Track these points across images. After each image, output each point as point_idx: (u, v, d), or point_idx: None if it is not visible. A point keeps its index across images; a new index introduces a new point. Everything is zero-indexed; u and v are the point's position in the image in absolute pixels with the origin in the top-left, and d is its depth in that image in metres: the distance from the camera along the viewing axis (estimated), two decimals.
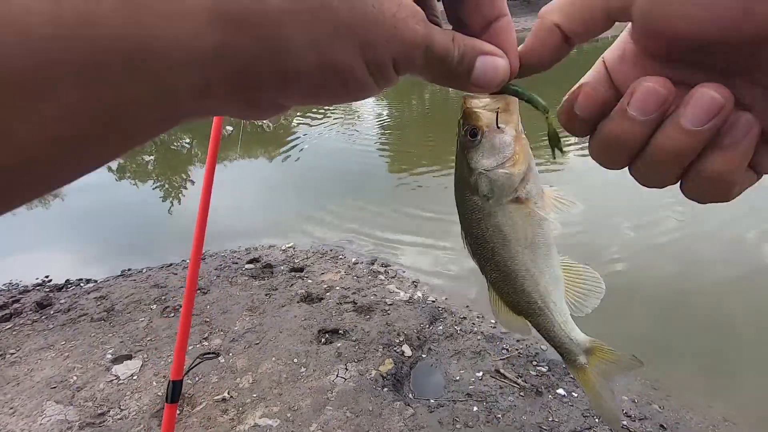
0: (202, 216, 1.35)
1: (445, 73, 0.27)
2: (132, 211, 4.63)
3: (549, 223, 0.36)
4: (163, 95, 0.20)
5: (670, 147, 0.26)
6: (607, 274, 2.75)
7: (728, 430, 1.78)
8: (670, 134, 0.25)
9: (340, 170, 5.15)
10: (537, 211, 0.35)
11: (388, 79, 0.25)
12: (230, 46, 0.20)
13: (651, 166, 0.27)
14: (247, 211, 4.22)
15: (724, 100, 0.24)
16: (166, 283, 3.02)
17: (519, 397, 1.95)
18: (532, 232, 0.36)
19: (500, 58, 0.28)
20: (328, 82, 0.24)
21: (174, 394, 1.33)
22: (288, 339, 2.40)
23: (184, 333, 1.31)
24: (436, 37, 0.26)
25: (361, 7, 0.22)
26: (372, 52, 0.24)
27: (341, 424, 1.86)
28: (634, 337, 2.28)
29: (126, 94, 0.19)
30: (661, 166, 0.27)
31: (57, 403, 2.08)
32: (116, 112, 0.19)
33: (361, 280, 2.90)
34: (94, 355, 2.38)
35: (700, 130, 0.24)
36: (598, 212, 3.50)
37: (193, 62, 0.20)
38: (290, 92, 0.24)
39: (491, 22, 0.29)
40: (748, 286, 2.56)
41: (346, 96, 0.25)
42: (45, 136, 0.18)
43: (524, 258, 0.37)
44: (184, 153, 6.78)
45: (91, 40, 0.17)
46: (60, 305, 2.86)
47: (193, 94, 0.21)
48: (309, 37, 0.22)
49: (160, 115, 0.21)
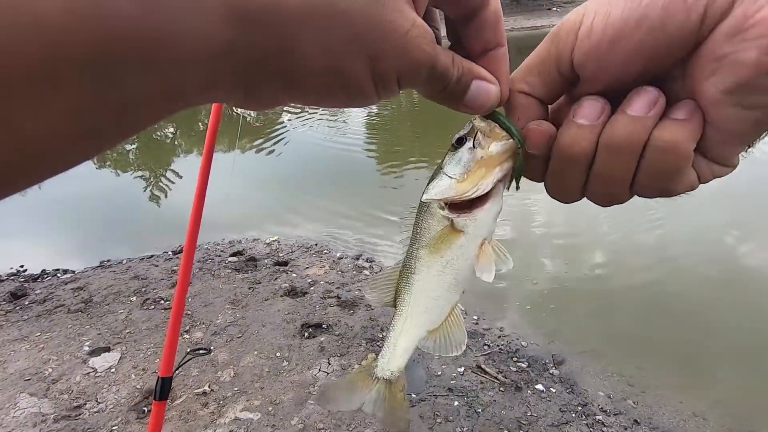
0: (198, 207, 1.31)
1: (442, 91, 0.29)
2: (112, 201, 4.53)
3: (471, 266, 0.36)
4: (171, 89, 0.20)
5: (621, 134, 0.28)
6: (587, 274, 2.82)
7: (697, 424, 1.84)
8: (621, 123, 0.28)
9: (327, 165, 5.12)
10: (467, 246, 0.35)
11: (390, 92, 0.26)
12: (242, 43, 0.20)
13: (607, 164, 0.29)
14: (231, 203, 4.17)
15: (659, 93, 0.28)
16: (146, 274, 2.97)
17: (499, 393, 1.98)
18: (452, 257, 0.36)
19: (493, 84, 0.30)
20: (333, 87, 0.24)
21: (163, 391, 1.28)
22: (271, 333, 2.38)
23: (175, 328, 1.27)
24: (440, 58, 0.27)
25: (378, 20, 0.23)
26: (380, 65, 0.24)
27: (322, 418, 1.86)
28: (612, 335, 2.34)
29: (137, 88, 0.18)
30: (616, 161, 0.29)
31: (31, 395, 2.03)
32: (125, 105, 0.19)
33: (346, 275, 2.90)
34: (71, 347, 2.33)
35: (645, 116, 0.27)
36: (578, 214, 3.57)
37: (205, 57, 0.20)
38: (293, 92, 0.24)
39: (489, 50, 0.31)
40: (723, 286, 2.64)
41: (347, 102, 0.26)
42: (52, 129, 0.17)
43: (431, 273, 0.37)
44: (167, 143, 6.65)
45: (107, 31, 0.17)
46: (35, 296, 2.78)
47: (200, 88, 0.21)
48: (321, 42, 0.22)
49: (165, 107, 0.21)
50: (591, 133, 0.29)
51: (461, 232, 0.35)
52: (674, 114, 0.27)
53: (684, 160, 0.28)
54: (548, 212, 3.62)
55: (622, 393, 1.99)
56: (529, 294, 2.66)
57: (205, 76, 0.20)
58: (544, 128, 0.31)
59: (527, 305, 2.57)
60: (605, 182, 0.30)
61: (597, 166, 0.29)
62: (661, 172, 0.28)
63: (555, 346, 2.26)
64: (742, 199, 3.52)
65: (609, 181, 0.30)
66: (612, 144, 0.28)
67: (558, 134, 0.30)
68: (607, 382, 2.05)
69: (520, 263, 2.97)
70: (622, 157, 0.28)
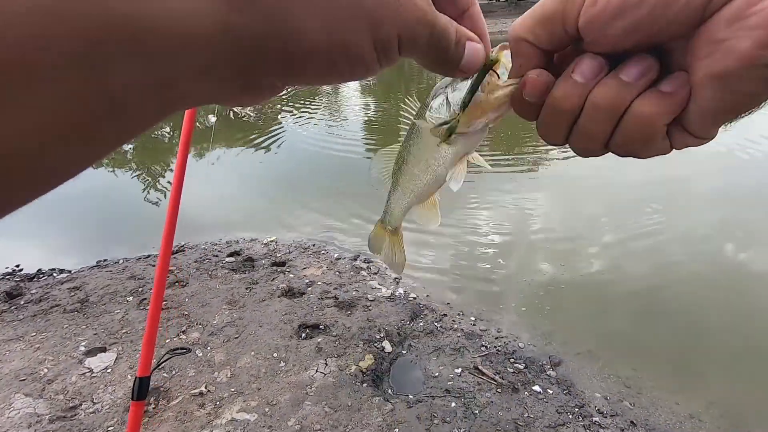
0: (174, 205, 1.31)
1: (441, 56, 0.29)
2: (109, 200, 4.51)
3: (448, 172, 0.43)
4: (162, 78, 0.18)
5: (608, 96, 0.29)
6: (583, 276, 2.83)
7: (693, 425, 1.85)
8: (611, 86, 0.29)
9: (324, 165, 5.12)
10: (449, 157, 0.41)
11: (390, 58, 0.26)
12: (238, 26, 0.20)
13: (590, 122, 0.31)
14: (228, 203, 4.16)
15: (654, 62, 0.29)
16: (143, 274, 2.96)
17: (496, 394, 1.98)
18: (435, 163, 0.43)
19: (479, 43, 0.31)
20: (336, 62, 0.24)
21: (141, 391, 1.26)
22: (268, 333, 2.38)
23: (152, 327, 1.26)
24: (438, 18, 0.27)
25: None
26: (381, 31, 0.24)
27: (320, 419, 1.86)
28: (608, 336, 2.34)
29: (123, 79, 0.17)
30: (598, 120, 0.30)
31: (26, 395, 2.02)
32: (113, 99, 0.17)
33: (344, 275, 2.90)
34: (67, 347, 2.32)
35: (634, 83, 0.29)
36: (575, 215, 3.58)
37: (198, 41, 0.19)
38: (294, 73, 0.24)
39: (465, 11, 0.32)
40: (719, 287, 2.65)
41: (349, 76, 0.25)
42: (29, 128, 0.16)
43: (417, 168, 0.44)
44: (165, 142, 6.62)
45: (89, 17, 0.16)
46: (31, 295, 2.77)
47: (194, 76, 0.20)
48: (321, 18, 0.22)
49: (159, 101, 0.19)
50: (583, 89, 0.30)
51: (449, 145, 0.40)
52: (662, 85, 0.28)
53: (656, 133, 0.29)
54: (545, 214, 3.63)
55: (618, 394, 2.00)
56: (526, 295, 2.66)
57: (199, 62, 0.19)
58: (542, 79, 0.32)
59: (524, 307, 2.58)
60: (585, 137, 0.32)
61: (581, 121, 0.31)
62: (634, 139, 0.30)
63: (552, 348, 2.26)
64: (741, 202, 3.55)
65: (588, 137, 0.31)
66: (598, 104, 0.30)
67: (554, 86, 0.31)
68: (603, 384, 2.05)
69: (517, 264, 2.98)
70: (603, 117, 0.30)
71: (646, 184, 3.83)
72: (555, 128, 0.33)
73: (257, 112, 7.51)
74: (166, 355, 1.37)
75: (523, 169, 4.59)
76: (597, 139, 0.31)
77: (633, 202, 3.58)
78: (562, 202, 3.85)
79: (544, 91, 0.32)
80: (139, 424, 1.27)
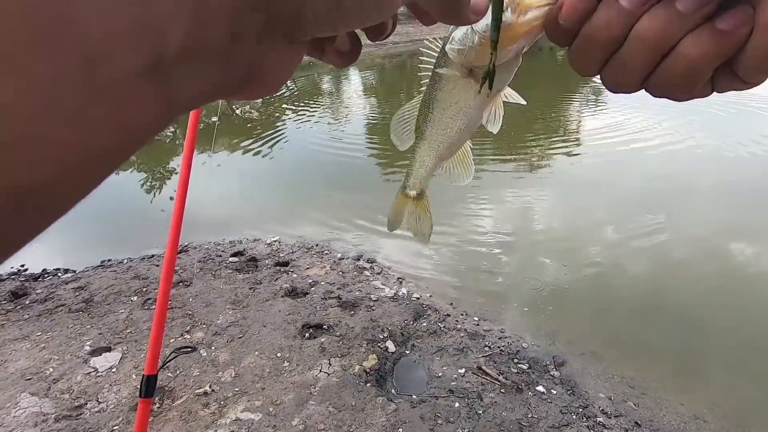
0: (180, 206, 1.32)
1: None
2: (112, 200, 4.52)
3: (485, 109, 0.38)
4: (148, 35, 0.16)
5: (658, 27, 0.25)
6: (587, 276, 2.82)
7: (698, 426, 1.84)
8: (662, 16, 0.25)
9: (328, 165, 5.12)
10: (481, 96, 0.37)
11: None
12: None
13: (632, 55, 0.27)
14: (232, 203, 4.17)
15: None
16: (147, 274, 2.97)
17: (500, 394, 1.98)
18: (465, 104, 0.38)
19: None
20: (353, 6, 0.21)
21: (148, 389, 1.29)
22: (271, 333, 2.39)
23: (159, 325, 1.28)
24: None
25: None
26: None
27: (324, 419, 1.86)
28: (612, 337, 2.34)
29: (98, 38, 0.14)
30: (642, 54, 0.26)
31: (32, 395, 2.03)
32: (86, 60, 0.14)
33: (347, 275, 2.90)
34: (72, 347, 2.33)
35: (689, 14, 0.24)
36: (578, 215, 3.57)
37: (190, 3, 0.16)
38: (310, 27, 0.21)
39: None
40: (723, 288, 2.65)
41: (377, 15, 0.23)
42: None
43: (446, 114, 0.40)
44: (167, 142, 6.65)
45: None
46: (36, 295, 2.78)
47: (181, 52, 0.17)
48: None
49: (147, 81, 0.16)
50: (629, 18, 0.26)
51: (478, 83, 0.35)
52: (718, 21, 0.24)
53: (702, 76, 0.26)
54: (548, 214, 3.62)
55: (622, 395, 1.99)
56: (529, 295, 2.66)
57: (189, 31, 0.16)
58: (583, 6, 0.27)
59: (527, 307, 2.58)
60: (622, 71, 0.28)
61: (621, 53, 0.27)
62: (675, 80, 0.26)
63: (556, 348, 2.26)
64: (744, 202, 3.53)
65: (625, 72, 0.28)
66: (644, 37, 0.26)
67: (595, 12, 0.27)
68: (607, 384, 2.05)
69: (520, 264, 2.97)
70: (647, 52, 0.26)
71: (648, 183, 3.83)
72: (589, 58, 0.29)
73: (260, 112, 7.53)
74: (173, 353, 1.39)
75: (526, 169, 4.59)
76: (634, 76, 0.28)
77: (635, 201, 3.57)
78: (564, 202, 3.85)
79: (583, 17, 0.28)
80: (146, 420, 1.28)
